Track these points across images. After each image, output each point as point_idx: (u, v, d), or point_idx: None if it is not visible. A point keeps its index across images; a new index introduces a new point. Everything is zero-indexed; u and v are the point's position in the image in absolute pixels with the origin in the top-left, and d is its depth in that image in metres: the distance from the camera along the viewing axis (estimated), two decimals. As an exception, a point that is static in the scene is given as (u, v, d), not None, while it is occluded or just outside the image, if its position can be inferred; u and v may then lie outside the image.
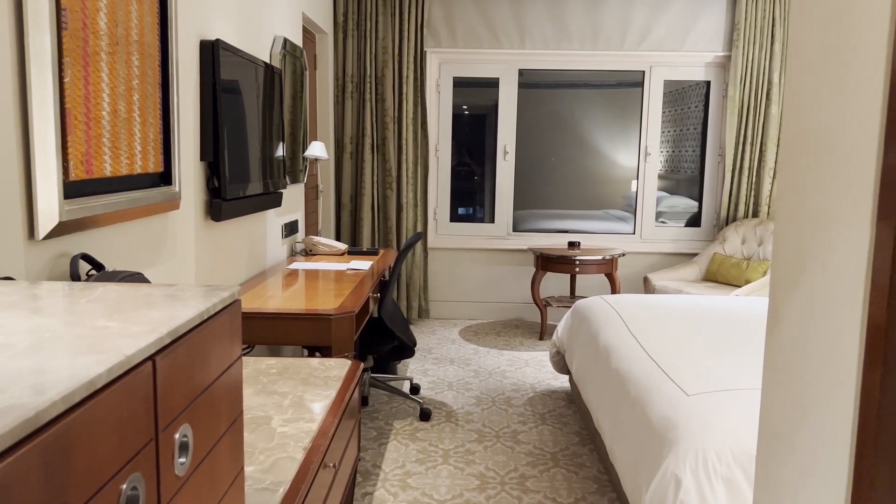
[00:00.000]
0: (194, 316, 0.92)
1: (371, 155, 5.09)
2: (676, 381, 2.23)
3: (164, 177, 2.19)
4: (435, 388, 3.90)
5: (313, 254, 3.93)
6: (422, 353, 4.56)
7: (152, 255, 2.19)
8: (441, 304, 5.51)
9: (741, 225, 5.06)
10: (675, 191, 5.55)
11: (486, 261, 5.46)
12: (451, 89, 5.34)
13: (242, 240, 3.08)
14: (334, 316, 2.53)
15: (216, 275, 2.74)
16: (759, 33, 5.01)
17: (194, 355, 0.94)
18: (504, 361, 4.42)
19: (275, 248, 3.61)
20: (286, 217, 3.84)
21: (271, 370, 2.29)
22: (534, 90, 5.44)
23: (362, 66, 5.03)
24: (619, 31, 5.15)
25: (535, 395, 3.82)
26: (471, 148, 5.56)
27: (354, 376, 2.28)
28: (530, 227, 5.55)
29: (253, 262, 3.24)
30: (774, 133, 5.07)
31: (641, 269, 5.46)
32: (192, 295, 1.05)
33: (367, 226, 5.13)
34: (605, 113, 5.56)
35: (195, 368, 0.95)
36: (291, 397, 2.04)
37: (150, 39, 2.05)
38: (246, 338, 2.56)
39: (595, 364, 2.87)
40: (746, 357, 2.45)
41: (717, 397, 2.08)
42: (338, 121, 5.10)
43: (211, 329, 1.00)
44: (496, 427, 3.36)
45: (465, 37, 5.18)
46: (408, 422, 3.41)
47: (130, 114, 1.94)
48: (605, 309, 3.31)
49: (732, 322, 3.00)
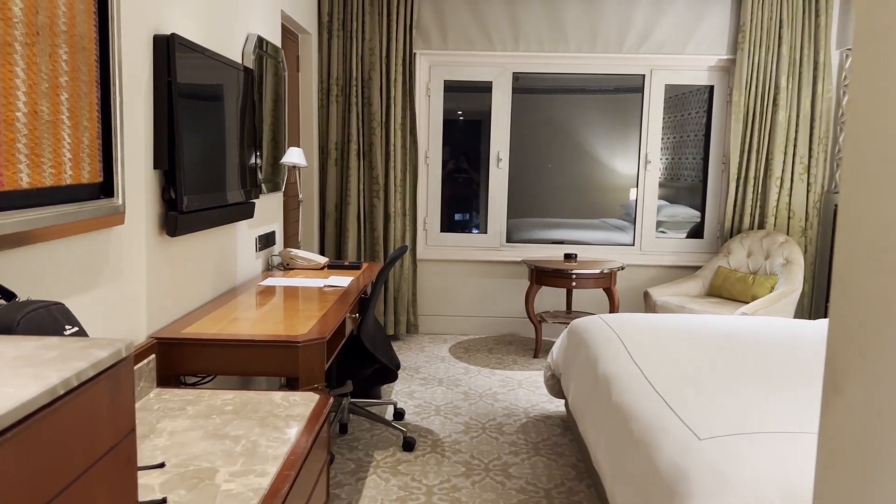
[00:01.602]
0: (28, 400, 0.66)
1: (357, 161, 4.83)
2: (686, 422, 1.97)
3: (104, 188, 1.93)
4: (421, 412, 3.63)
5: (291, 268, 3.66)
6: (409, 372, 4.29)
7: (89, 278, 1.92)
8: (430, 318, 5.24)
9: (746, 237, 4.81)
10: (674, 199, 5.30)
11: (479, 273, 5.20)
12: (441, 93, 5.08)
13: (207, 255, 2.82)
14: (302, 343, 2.26)
15: (173, 296, 2.47)
16: (766, 35, 4.76)
17: (36, 448, 0.67)
18: (496, 382, 4.15)
19: (247, 262, 3.34)
20: (261, 228, 3.57)
21: (227, 407, 2.03)
22: (528, 95, 5.19)
23: (348, 69, 4.77)
24: (619, 33, 4.91)
25: (528, 420, 3.55)
26: (462, 155, 5.31)
27: (321, 414, 2.01)
28: (524, 236, 5.29)
29: (221, 278, 2.97)
30: (781, 141, 4.82)
31: (641, 282, 5.20)
32: (57, 356, 0.78)
33: (352, 236, 4.86)
34: (602, 119, 5.32)
35: (46, 462, 0.68)
36: (245, 443, 1.77)
37: (85, 30, 1.79)
38: (204, 367, 2.29)
39: (594, 394, 2.60)
40: (764, 392, 2.19)
41: (733, 443, 1.81)
42: (322, 126, 4.84)
43: (72, 408, 0.73)
44: (486, 458, 3.09)
45: (457, 38, 4.92)
46: (389, 452, 3.14)
47: (57, 115, 1.67)
48: (603, 331, 3.04)
49: (744, 347, 2.73)
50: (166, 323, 2.42)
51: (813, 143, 4.85)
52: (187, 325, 2.40)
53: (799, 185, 4.86)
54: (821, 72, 4.77)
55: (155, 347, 2.23)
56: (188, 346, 2.27)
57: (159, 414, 1.96)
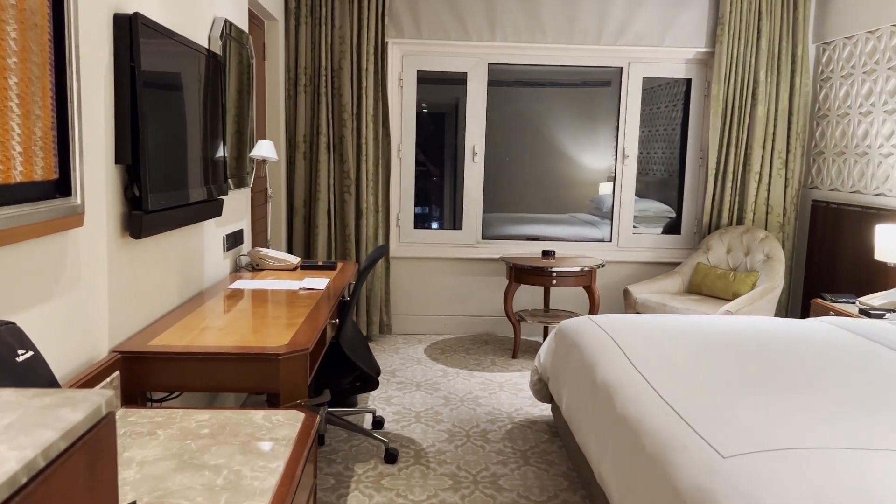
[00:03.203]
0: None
1: (327, 155, 4.61)
2: (706, 437, 1.83)
3: (59, 185, 1.70)
4: (401, 419, 3.45)
5: (260, 269, 3.43)
6: (385, 375, 4.10)
7: (43, 288, 1.68)
8: (404, 318, 5.05)
9: (726, 233, 4.74)
10: (643, 194, 5.21)
11: (454, 271, 5.03)
12: (415, 84, 4.89)
13: (173, 258, 2.58)
14: (283, 356, 2.06)
15: (137, 304, 2.24)
16: (745, 28, 4.69)
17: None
18: (476, 385, 3.99)
19: (215, 263, 3.11)
20: (229, 227, 3.34)
21: (202, 430, 1.81)
22: (500, 88, 5.03)
23: (317, 57, 4.54)
24: (596, 25, 4.78)
25: (513, 426, 3.40)
26: (436, 149, 5.12)
27: (309, 435, 1.81)
28: (496, 232, 5.14)
29: (187, 282, 2.74)
30: (760, 135, 4.76)
31: (619, 279, 5.09)
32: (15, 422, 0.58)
33: (322, 234, 4.64)
34: (570, 113, 5.20)
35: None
36: (227, 474, 1.57)
37: (35, 4, 1.55)
38: (174, 383, 2.07)
39: (593, 403, 2.46)
40: (782, 401, 2.07)
41: (763, 461, 1.68)
42: (290, 117, 4.60)
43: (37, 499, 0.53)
44: (473, 469, 2.93)
45: (431, 27, 4.73)
46: (371, 465, 2.95)
47: (4, 102, 1.44)
48: (596, 334, 2.90)
49: (746, 350, 2.62)
50: (130, 334, 2.19)
51: (791, 138, 4.80)
52: (153, 337, 2.17)
53: (777, 180, 4.81)
54: (799, 66, 4.72)
55: (119, 363, 2.00)
56: (156, 361, 2.05)
57: (126, 440, 1.74)
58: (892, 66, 4.07)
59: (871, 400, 2.10)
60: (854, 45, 4.42)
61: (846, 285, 4.38)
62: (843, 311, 3.66)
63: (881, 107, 4.16)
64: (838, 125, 4.58)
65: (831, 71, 4.67)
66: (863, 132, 4.32)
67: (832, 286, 4.53)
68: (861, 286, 4.23)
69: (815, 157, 4.85)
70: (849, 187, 4.45)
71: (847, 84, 4.49)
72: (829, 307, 3.77)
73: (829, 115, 4.69)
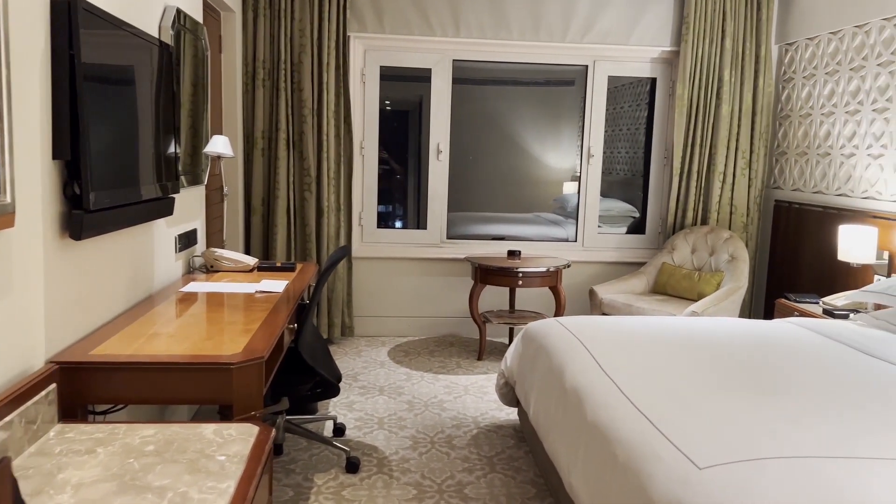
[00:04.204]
0: None
1: (287, 152, 4.46)
2: (680, 447, 1.77)
3: (-14, 183, 1.55)
4: (363, 426, 3.34)
5: (215, 270, 3.28)
6: (347, 380, 3.98)
7: (-32, 295, 1.54)
8: (367, 319, 4.93)
9: (691, 233, 4.73)
10: (607, 193, 5.18)
11: (418, 271, 4.93)
12: (377, 80, 4.77)
13: (119, 260, 2.43)
14: (236, 365, 1.93)
15: (78, 310, 2.09)
16: (710, 27, 4.68)
17: None
18: (441, 389, 3.89)
19: (166, 265, 2.95)
20: (181, 226, 3.18)
21: (147, 446, 1.68)
22: (464, 87, 4.94)
23: (276, 51, 4.39)
24: (562, 22, 4.72)
25: (479, 431, 3.31)
26: (399, 147, 5.02)
27: (263, 451, 1.70)
28: (461, 231, 5.06)
29: (135, 285, 2.59)
30: (725, 135, 4.76)
31: (585, 279, 5.05)
32: None
33: (281, 233, 4.49)
34: (536, 112, 5.15)
35: None
36: (172, 497, 1.45)
37: (-44, -17, 1.41)
38: (118, 396, 1.93)
39: (562, 409, 2.38)
40: (756, 407, 2.02)
41: (740, 471, 1.62)
42: (247, 112, 4.44)
43: None
44: (438, 478, 2.83)
45: (394, 21, 4.62)
46: (332, 475, 2.84)
47: (-83, 90, 1.29)
48: (564, 337, 2.83)
49: (719, 352, 2.58)
50: (70, 343, 2.04)
51: (754, 138, 4.81)
52: (96, 345, 2.03)
53: (741, 180, 4.82)
54: (762, 66, 4.73)
55: (56, 374, 1.85)
56: (98, 372, 1.91)
57: (62, 459, 1.60)
58: (853, 67, 4.09)
59: (843, 405, 2.06)
60: (816, 45, 4.44)
61: (809, 285, 4.40)
62: (808, 312, 3.66)
63: (843, 108, 4.18)
64: (800, 126, 4.60)
65: (794, 71, 4.69)
66: (825, 133, 4.35)
67: (795, 286, 4.55)
68: (824, 286, 4.25)
69: (778, 158, 4.87)
70: (811, 188, 4.47)
71: (809, 85, 4.51)
72: (794, 307, 3.77)
73: (791, 116, 4.71)
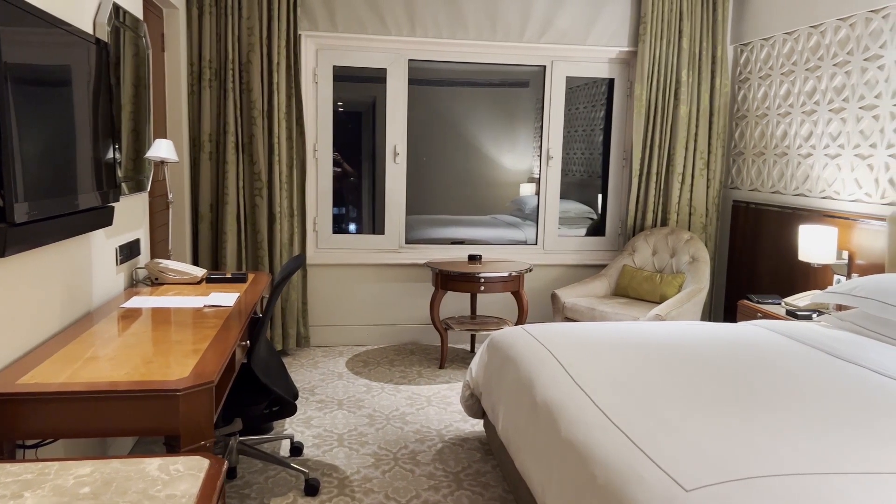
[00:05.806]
0: None
1: (235, 156, 4.26)
2: (663, 467, 1.67)
3: None
4: (322, 444, 3.17)
5: (160, 283, 3.08)
6: (304, 394, 3.81)
7: None
8: (323, 329, 4.76)
9: (651, 234, 4.69)
10: (564, 195, 5.12)
11: (375, 278, 4.77)
12: (330, 80, 4.60)
13: (52, 276, 2.23)
14: (183, 391, 1.76)
15: (4, 332, 1.89)
16: (667, 28, 4.65)
17: None
18: (402, 400, 3.75)
19: (106, 279, 2.74)
20: (123, 236, 2.97)
21: (82, 488, 1.50)
22: (420, 87, 4.82)
23: (223, 50, 4.19)
24: (519, 21, 4.63)
25: (443, 445, 3.19)
26: (354, 149, 4.86)
27: (214, 489, 1.53)
28: (418, 235, 4.93)
29: (71, 303, 2.38)
30: (683, 135, 4.74)
31: (546, 283, 4.97)
32: None
33: (231, 241, 4.28)
34: (492, 114, 5.06)
35: None
36: (109, 549, 1.28)
37: None
38: (50, 429, 1.74)
39: (533, 425, 2.27)
40: (738, 420, 1.94)
41: (729, 492, 1.53)
42: (193, 114, 4.23)
43: None
44: (402, 497, 2.70)
45: (347, 20, 4.46)
46: (289, 499, 2.67)
47: None
48: (532, 346, 2.73)
49: (691, 359, 2.50)
50: (-5, 370, 1.84)
51: (712, 139, 4.81)
52: (24, 373, 1.83)
53: (700, 180, 4.81)
54: (718, 66, 4.73)
55: (-23, 408, 1.66)
56: (26, 403, 1.71)
57: (-18, 508, 1.41)
58: (809, 67, 4.10)
59: (824, 416, 2.00)
60: (772, 46, 4.45)
61: (769, 286, 4.40)
62: (770, 313, 3.64)
63: (799, 108, 4.19)
64: (757, 126, 4.61)
65: (749, 72, 4.70)
66: (781, 133, 4.35)
67: (755, 287, 4.56)
68: (783, 286, 4.26)
69: (735, 158, 4.87)
70: (769, 188, 4.48)
71: (765, 85, 4.52)
72: (756, 308, 3.75)
73: (748, 116, 4.72)
